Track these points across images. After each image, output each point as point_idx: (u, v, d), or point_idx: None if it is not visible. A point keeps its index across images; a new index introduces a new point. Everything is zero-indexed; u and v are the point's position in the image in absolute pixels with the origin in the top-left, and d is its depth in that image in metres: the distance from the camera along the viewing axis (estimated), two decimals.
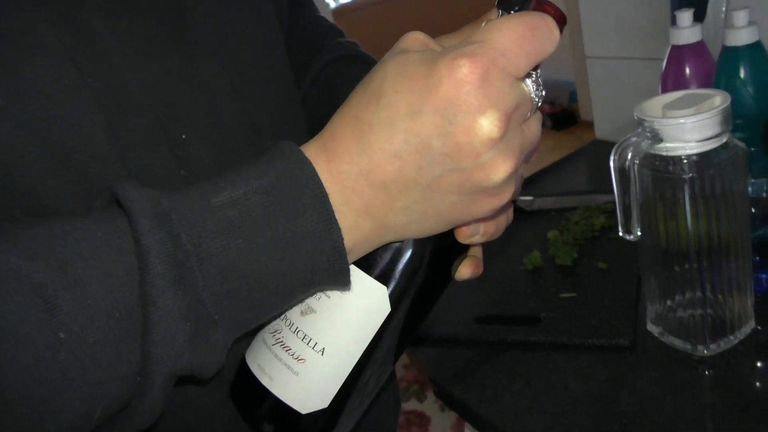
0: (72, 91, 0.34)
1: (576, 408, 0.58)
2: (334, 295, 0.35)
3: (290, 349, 0.34)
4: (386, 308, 0.35)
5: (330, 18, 0.73)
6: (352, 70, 0.55)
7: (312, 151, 0.33)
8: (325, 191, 0.31)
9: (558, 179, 1.05)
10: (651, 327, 0.64)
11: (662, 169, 0.54)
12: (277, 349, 0.35)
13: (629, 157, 0.51)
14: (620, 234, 0.55)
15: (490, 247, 0.86)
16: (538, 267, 0.78)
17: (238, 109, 0.43)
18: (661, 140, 0.52)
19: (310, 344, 0.34)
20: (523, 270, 0.79)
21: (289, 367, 0.34)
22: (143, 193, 0.30)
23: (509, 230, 0.89)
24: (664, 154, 0.53)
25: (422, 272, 0.36)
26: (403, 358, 1.89)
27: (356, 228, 0.33)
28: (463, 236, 0.37)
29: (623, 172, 0.51)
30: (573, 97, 3.37)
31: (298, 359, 0.34)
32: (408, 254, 0.35)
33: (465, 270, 0.40)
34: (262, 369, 0.35)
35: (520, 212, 0.92)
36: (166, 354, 0.29)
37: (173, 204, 0.30)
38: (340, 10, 4.18)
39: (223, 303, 0.30)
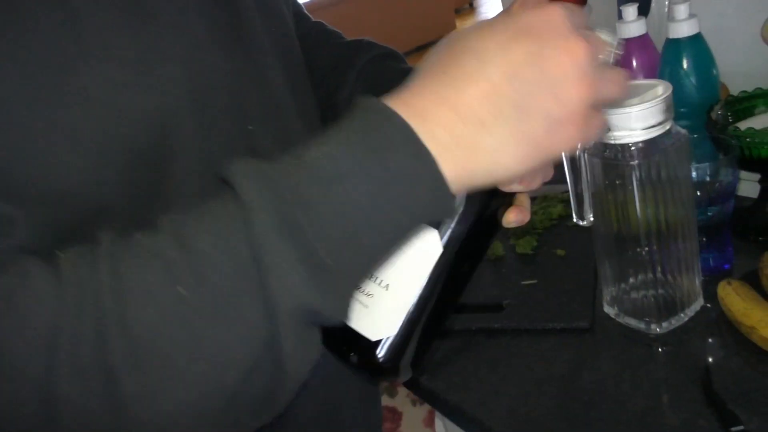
0: (149, 87, 0.37)
1: (540, 389, 0.60)
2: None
3: (361, 287, 0.40)
4: (438, 249, 0.40)
5: None
6: (391, 63, 0.61)
7: (391, 102, 0.34)
8: (409, 126, 0.32)
9: None
10: (607, 309, 0.67)
11: (611, 157, 0.56)
12: (367, 284, 0.40)
13: (579, 146, 0.54)
14: (574, 220, 0.57)
15: None
16: (499, 256, 0.81)
17: (293, 101, 0.48)
18: (608, 129, 0.55)
19: (376, 282, 0.39)
20: (485, 260, 0.81)
21: (360, 302, 0.39)
22: (243, 162, 0.32)
23: None
24: (613, 142, 0.56)
25: (470, 218, 0.41)
26: None
27: (449, 158, 0.33)
28: (509, 222, 0.41)
29: (574, 161, 0.53)
30: None
31: (367, 294, 0.39)
32: (459, 200, 0.40)
33: (510, 215, 0.43)
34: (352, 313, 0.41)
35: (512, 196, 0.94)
36: (286, 300, 0.30)
37: (269, 165, 0.32)
38: (311, 6, 4.18)
39: (335, 249, 0.31)
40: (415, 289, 0.40)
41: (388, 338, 0.40)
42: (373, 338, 0.39)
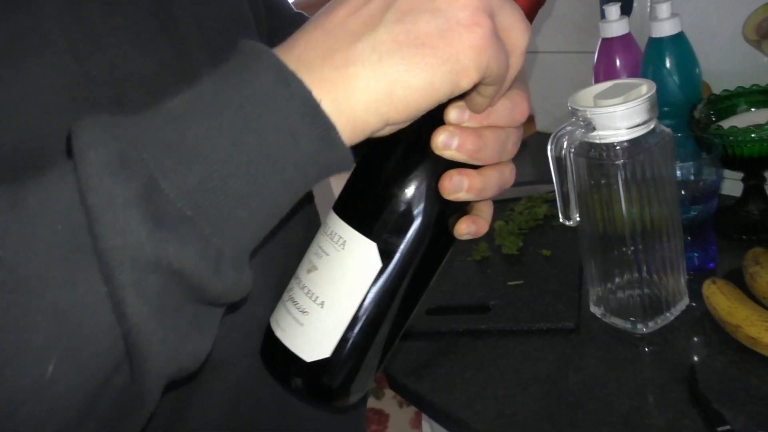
0: (74, 87, 0.35)
1: (526, 390, 0.60)
2: (332, 252, 0.36)
3: (297, 303, 0.37)
4: (377, 264, 0.36)
5: None
6: None
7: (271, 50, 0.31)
8: (273, 53, 0.29)
9: None
10: (593, 309, 0.66)
11: (596, 157, 0.56)
12: (289, 304, 0.38)
13: (565, 146, 0.53)
14: (561, 220, 0.57)
15: None
16: (485, 257, 0.80)
17: None
18: (594, 129, 0.55)
19: (312, 297, 0.37)
20: (471, 261, 0.80)
21: (296, 320, 0.37)
22: (90, 118, 0.27)
23: None
24: (598, 141, 0.56)
25: (417, 230, 0.36)
26: None
27: (325, 84, 0.29)
28: (447, 191, 0.35)
29: (560, 161, 0.53)
30: None
31: (302, 312, 0.37)
32: (399, 211, 0.36)
33: (462, 226, 0.38)
34: (277, 323, 0.38)
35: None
36: (119, 245, 0.25)
37: (115, 117, 0.27)
38: (302, 4, 4.14)
39: (197, 196, 0.27)
40: (352, 306, 0.36)
41: (334, 360, 0.37)
42: (308, 359, 0.37)
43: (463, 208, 0.39)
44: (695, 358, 0.58)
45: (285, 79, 0.28)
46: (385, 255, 0.36)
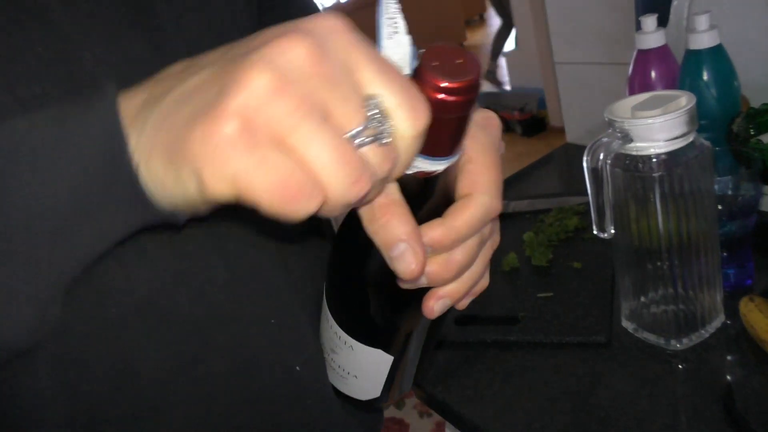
0: (32, 79, 0.34)
1: (554, 404, 0.59)
2: (345, 350, 0.40)
3: (336, 368, 0.42)
4: (388, 359, 0.39)
5: None
6: None
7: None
8: (108, 89, 0.27)
9: (531, 182, 1.07)
10: (625, 323, 0.65)
11: (633, 168, 0.55)
12: (332, 363, 0.43)
13: (601, 157, 0.53)
14: (595, 232, 0.56)
15: None
16: (514, 268, 0.80)
17: None
18: (631, 140, 0.54)
19: (344, 371, 0.42)
20: (500, 271, 0.80)
21: (342, 378, 0.43)
22: None
23: None
24: (634, 153, 0.55)
25: (414, 329, 0.39)
26: None
27: (136, 129, 0.26)
28: (434, 315, 0.33)
29: (596, 172, 0.52)
30: (542, 103, 3.43)
31: (342, 377, 0.43)
32: (394, 324, 0.38)
33: (428, 303, 0.34)
34: (329, 372, 0.45)
35: None
36: None
37: None
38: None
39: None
40: (382, 378, 0.41)
41: (382, 395, 0.43)
42: (362, 399, 0.44)
43: None
44: (731, 377, 0.57)
45: (96, 101, 0.27)
46: (395, 351, 0.39)
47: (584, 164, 0.53)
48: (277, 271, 0.45)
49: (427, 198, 0.30)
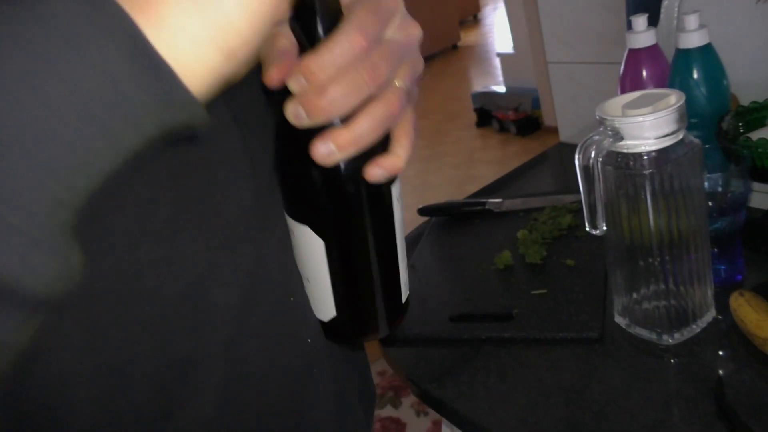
0: None
1: (549, 399, 0.60)
2: (293, 239, 0.41)
3: (300, 271, 0.42)
4: (319, 241, 0.38)
5: None
6: None
7: None
8: None
9: (525, 181, 1.08)
10: (618, 319, 0.66)
11: (623, 166, 0.56)
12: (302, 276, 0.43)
13: (593, 155, 0.54)
14: (587, 229, 0.57)
15: (462, 248, 0.88)
16: (508, 266, 0.80)
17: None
18: (621, 138, 0.55)
19: (303, 275, 0.42)
20: (494, 269, 0.81)
21: (307, 290, 0.43)
22: None
23: (480, 231, 0.90)
24: (625, 151, 0.56)
25: (332, 198, 0.36)
26: (377, 366, 1.89)
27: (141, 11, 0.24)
28: (321, 159, 0.33)
29: (587, 170, 0.53)
30: (536, 103, 3.44)
31: (305, 286, 0.43)
32: (308, 191, 0.37)
33: (372, 169, 0.35)
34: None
35: (489, 214, 0.94)
36: None
37: None
38: None
39: None
40: (325, 276, 0.40)
41: (340, 316, 0.41)
42: (324, 319, 0.43)
43: (370, 155, 0.35)
44: (722, 371, 0.58)
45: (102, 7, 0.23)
46: (321, 231, 0.38)
47: (576, 162, 0.54)
48: (290, 252, 0.45)
49: (312, 44, 0.32)
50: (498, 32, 6.28)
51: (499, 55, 3.96)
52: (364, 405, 0.58)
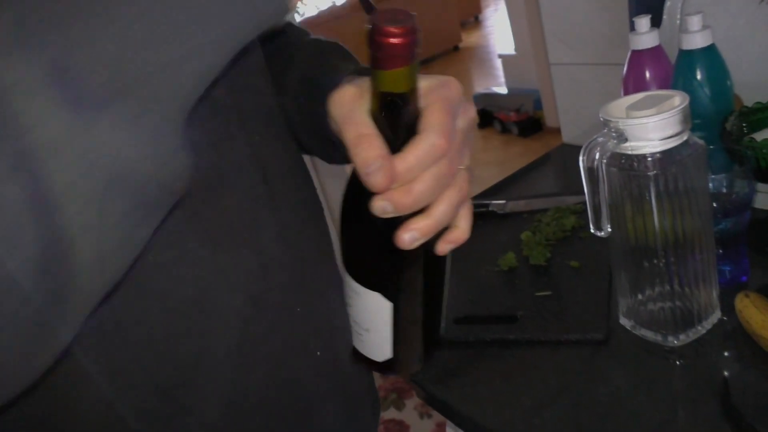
0: None
1: (554, 401, 0.59)
2: (354, 299, 0.43)
3: (354, 325, 0.46)
4: (388, 304, 0.42)
5: None
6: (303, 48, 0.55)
7: None
8: None
9: (528, 183, 1.08)
10: (623, 321, 0.66)
11: (628, 167, 0.56)
12: (351, 322, 0.46)
13: (597, 156, 0.54)
14: (592, 231, 0.57)
15: (465, 250, 0.87)
16: (513, 267, 0.80)
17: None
18: (626, 140, 0.55)
19: (359, 325, 0.45)
20: (498, 271, 0.81)
21: (360, 336, 0.46)
22: None
23: (484, 233, 0.90)
24: (630, 152, 0.56)
25: (406, 271, 0.41)
26: None
27: None
28: (406, 245, 0.36)
29: (592, 172, 0.53)
30: (538, 104, 3.44)
31: (359, 333, 0.46)
32: (386, 265, 0.40)
33: (442, 245, 0.40)
34: (352, 334, 0.48)
35: (493, 215, 0.94)
36: (35, 139, 0.21)
37: None
38: (317, 20, 4.20)
39: (118, 66, 0.22)
40: (387, 329, 0.43)
41: (396, 356, 0.45)
42: (378, 360, 0.46)
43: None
44: (727, 372, 0.58)
45: None
46: (391, 296, 0.41)
47: (580, 164, 0.54)
48: (299, 262, 0.46)
49: (395, 136, 0.36)
50: (499, 33, 6.28)
51: (500, 56, 3.96)
52: (371, 411, 0.58)
